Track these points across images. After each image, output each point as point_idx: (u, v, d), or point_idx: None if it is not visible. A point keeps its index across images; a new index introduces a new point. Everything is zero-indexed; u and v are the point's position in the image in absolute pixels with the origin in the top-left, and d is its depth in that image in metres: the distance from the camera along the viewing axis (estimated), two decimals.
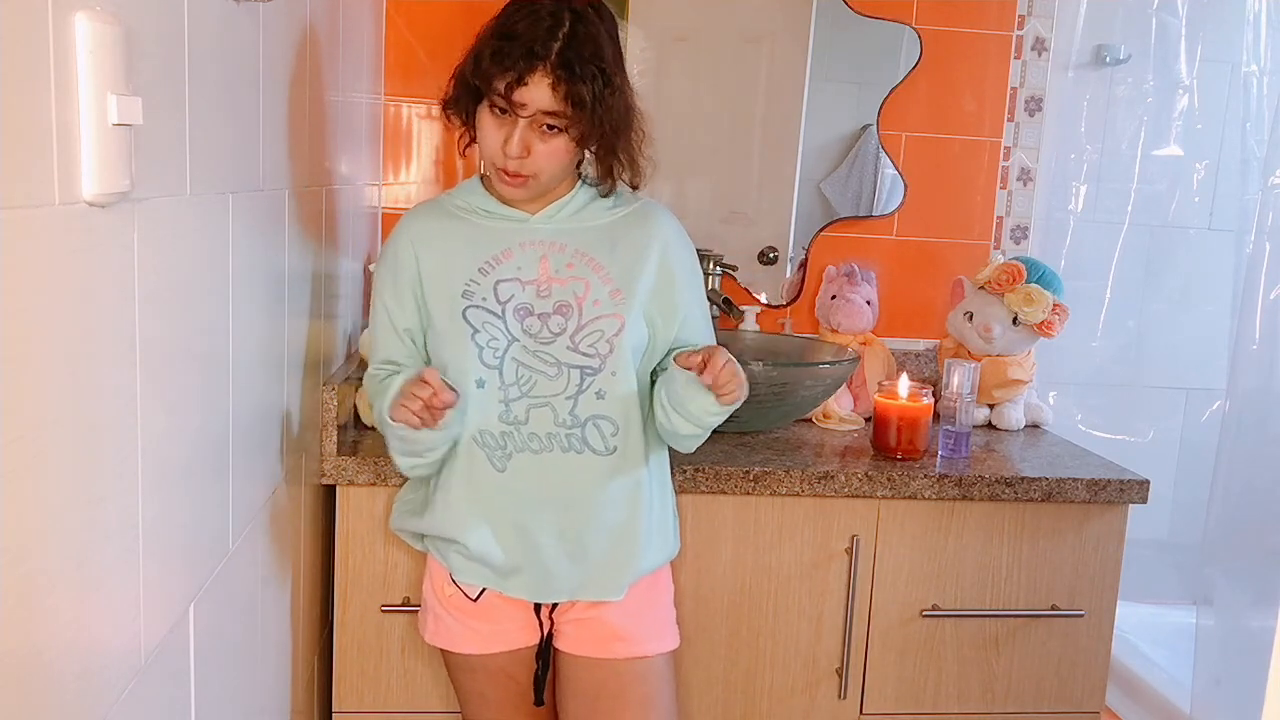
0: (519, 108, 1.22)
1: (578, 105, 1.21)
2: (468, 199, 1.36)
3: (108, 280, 0.76)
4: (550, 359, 1.30)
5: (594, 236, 1.34)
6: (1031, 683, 1.70)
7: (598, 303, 1.31)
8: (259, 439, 1.20)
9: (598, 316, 1.31)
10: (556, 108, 1.22)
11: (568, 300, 1.30)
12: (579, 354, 1.30)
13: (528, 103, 1.22)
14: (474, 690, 1.41)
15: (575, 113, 1.22)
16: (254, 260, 1.14)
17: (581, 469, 1.31)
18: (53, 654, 0.69)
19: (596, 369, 1.30)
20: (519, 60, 1.20)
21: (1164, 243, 2.25)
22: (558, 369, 1.30)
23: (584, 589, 1.35)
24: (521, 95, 1.21)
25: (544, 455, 1.31)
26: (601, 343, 1.30)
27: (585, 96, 1.21)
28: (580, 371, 1.30)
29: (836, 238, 2.11)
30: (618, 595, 1.35)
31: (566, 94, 1.21)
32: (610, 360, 1.30)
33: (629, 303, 1.31)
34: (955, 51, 2.08)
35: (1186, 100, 2.20)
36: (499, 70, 1.21)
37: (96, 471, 0.75)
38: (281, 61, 1.22)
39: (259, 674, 1.26)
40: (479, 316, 1.30)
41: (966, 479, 1.61)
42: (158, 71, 0.83)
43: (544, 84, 1.21)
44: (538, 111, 1.22)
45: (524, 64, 1.20)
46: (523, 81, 1.21)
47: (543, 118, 1.23)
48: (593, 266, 1.32)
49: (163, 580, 0.89)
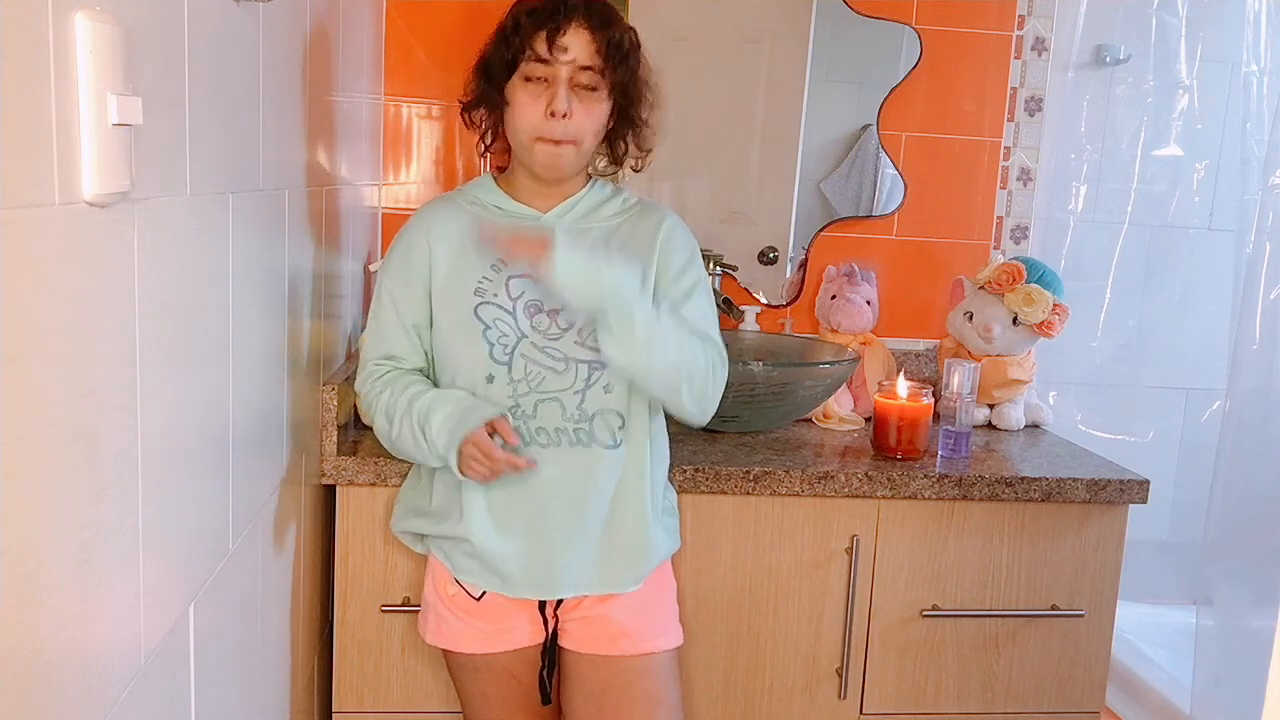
0: (561, 54, 1.26)
1: (613, 55, 1.27)
2: (480, 195, 1.38)
3: (108, 280, 0.75)
4: (558, 354, 1.31)
5: (603, 235, 1.36)
6: (1031, 683, 1.70)
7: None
8: (259, 439, 1.20)
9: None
10: (593, 61, 1.27)
11: None
12: (586, 348, 1.31)
13: (569, 48, 1.26)
14: (476, 690, 1.41)
15: (611, 67, 1.28)
16: (254, 260, 1.14)
17: (589, 462, 1.32)
18: (53, 654, 0.69)
19: (604, 364, 1.31)
20: (556, 12, 1.26)
21: (1164, 243, 2.25)
22: (566, 364, 1.31)
23: (597, 583, 1.35)
24: (564, 43, 1.26)
25: (552, 449, 1.31)
26: None
27: (622, 44, 1.28)
28: (588, 366, 1.31)
29: (836, 238, 2.11)
30: (634, 586, 1.35)
31: (603, 44, 1.27)
32: None
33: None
34: (955, 51, 2.08)
35: (1186, 100, 2.20)
36: (537, 24, 1.26)
37: (96, 472, 0.75)
38: (281, 61, 1.22)
39: (259, 674, 1.26)
40: (490, 313, 1.31)
41: (966, 479, 1.61)
42: (158, 71, 0.83)
43: (582, 33, 1.27)
44: (577, 65, 1.27)
45: (562, 14, 1.26)
46: (562, 30, 1.26)
47: (579, 74, 1.27)
48: None
49: (163, 580, 0.89)
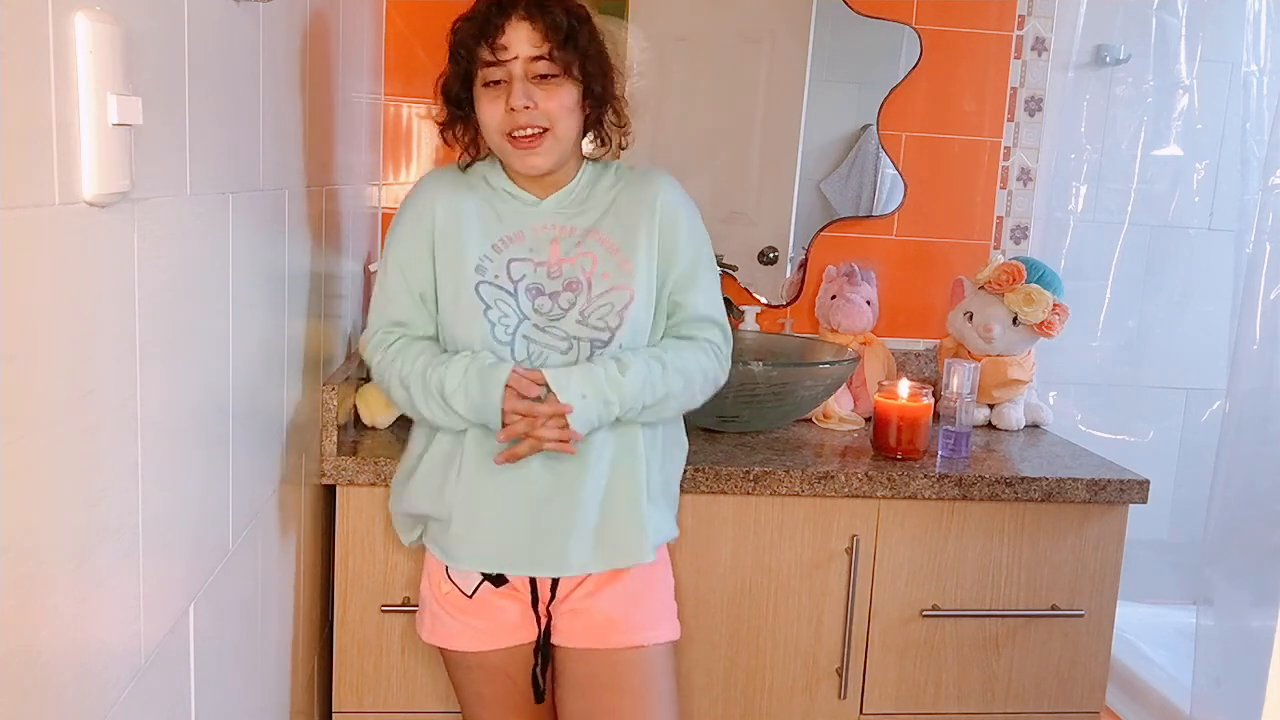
0: (504, 53, 1.25)
1: (557, 37, 1.25)
2: (490, 177, 1.37)
3: (108, 280, 0.76)
4: (561, 333, 1.32)
5: (600, 212, 1.35)
6: (1031, 683, 1.70)
7: (606, 275, 1.32)
8: (259, 439, 1.20)
9: (608, 289, 1.32)
10: (540, 49, 1.26)
11: (577, 277, 1.32)
12: (588, 327, 1.31)
13: (510, 45, 1.25)
14: (472, 689, 1.41)
15: (559, 49, 1.26)
16: (254, 260, 1.14)
17: (585, 442, 1.31)
18: (53, 654, 0.69)
19: (606, 341, 1.31)
20: (492, 15, 1.26)
21: (1164, 243, 2.25)
22: (568, 343, 1.31)
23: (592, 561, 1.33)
24: (504, 42, 1.25)
25: None
26: (611, 315, 1.32)
27: (563, 25, 1.26)
28: (590, 344, 1.32)
29: (836, 238, 2.11)
30: (632, 562, 1.34)
31: (546, 30, 1.25)
32: (620, 333, 1.32)
33: (635, 271, 1.32)
34: (955, 51, 2.08)
35: (1186, 100, 2.20)
36: (476, 31, 1.27)
37: (96, 471, 0.75)
38: (281, 61, 1.22)
39: (259, 674, 1.26)
40: (491, 293, 1.31)
41: (966, 479, 1.61)
42: (158, 71, 0.83)
43: (522, 26, 1.26)
44: (525, 59, 1.26)
45: (497, 14, 1.26)
46: (501, 30, 1.25)
47: (532, 65, 1.26)
48: (600, 240, 1.33)
49: (163, 580, 0.89)
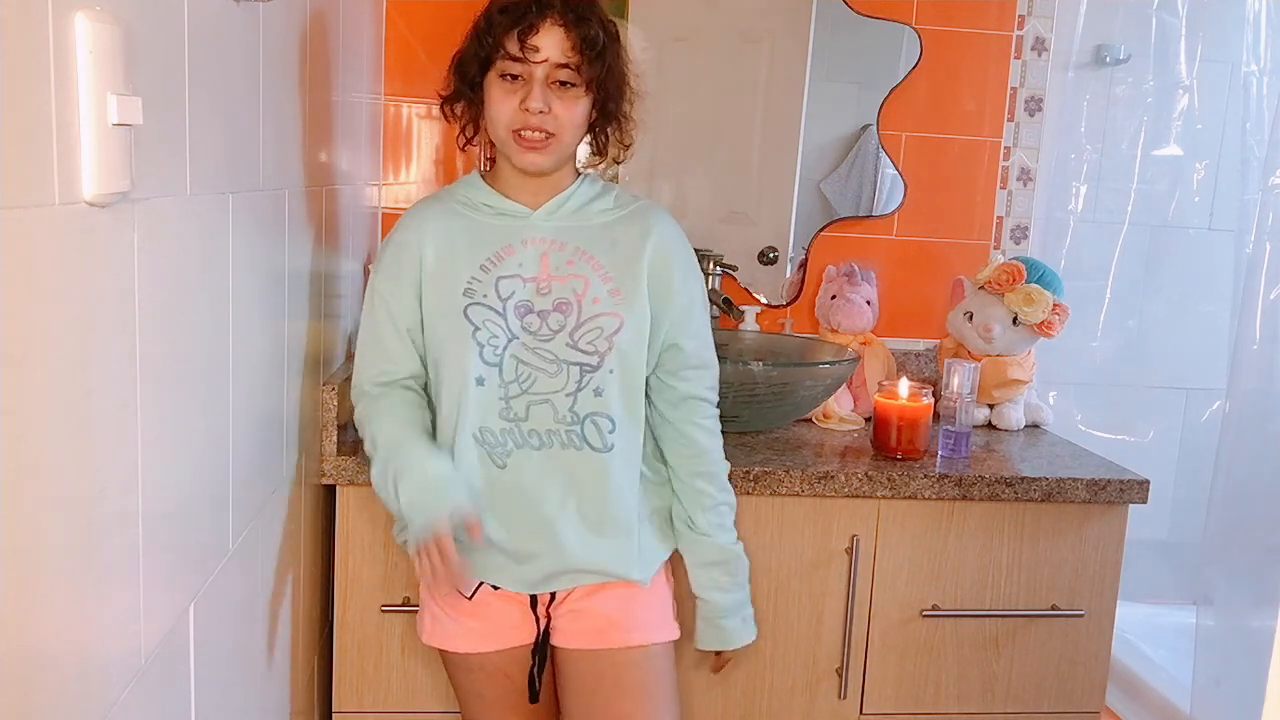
0: (533, 54, 1.23)
1: (590, 52, 1.24)
2: (469, 194, 1.35)
3: (108, 280, 0.75)
4: (550, 355, 1.30)
5: (593, 235, 1.34)
6: (1031, 683, 1.70)
7: (597, 300, 1.31)
8: (259, 439, 1.20)
9: (597, 314, 1.30)
10: (569, 58, 1.24)
11: (567, 298, 1.30)
12: (578, 351, 1.30)
13: (541, 48, 1.23)
14: (472, 690, 1.41)
15: (587, 63, 1.24)
16: (254, 260, 1.14)
17: (580, 464, 1.31)
18: (53, 654, 0.69)
19: (595, 366, 1.30)
20: (529, 10, 1.23)
21: (1164, 243, 2.25)
22: (557, 366, 1.30)
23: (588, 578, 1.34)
24: (536, 42, 1.23)
25: (544, 451, 1.31)
26: (600, 340, 1.30)
27: (597, 40, 1.24)
28: (580, 369, 1.30)
29: (836, 238, 2.11)
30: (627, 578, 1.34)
31: (578, 40, 1.23)
32: (609, 358, 1.30)
33: (628, 301, 1.31)
34: (955, 51, 2.08)
35: (1186, 100, 2.20)
36: (509, 23, 1.23)
37: (96, 472, 0.75)
38: (281, 61, 1.22)
39: (259, 674, 1.26)
40: (480, 314, 1.30)
41: (966, 479, 1.61)
42: (158, 71, 0.83)
43: (556, 30, 1.23)
44: (552, 64, 1.24)
45: (535, 12, 1.23)
46: (535, 29, 1.23)
47: (556, 72, 1.25)
48: (592, 265, 1.32)
49: (163, 580, 0.89)
